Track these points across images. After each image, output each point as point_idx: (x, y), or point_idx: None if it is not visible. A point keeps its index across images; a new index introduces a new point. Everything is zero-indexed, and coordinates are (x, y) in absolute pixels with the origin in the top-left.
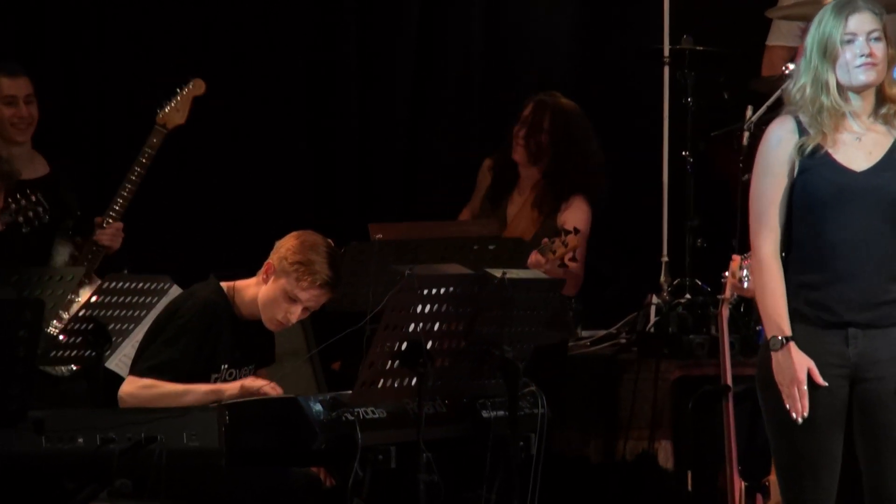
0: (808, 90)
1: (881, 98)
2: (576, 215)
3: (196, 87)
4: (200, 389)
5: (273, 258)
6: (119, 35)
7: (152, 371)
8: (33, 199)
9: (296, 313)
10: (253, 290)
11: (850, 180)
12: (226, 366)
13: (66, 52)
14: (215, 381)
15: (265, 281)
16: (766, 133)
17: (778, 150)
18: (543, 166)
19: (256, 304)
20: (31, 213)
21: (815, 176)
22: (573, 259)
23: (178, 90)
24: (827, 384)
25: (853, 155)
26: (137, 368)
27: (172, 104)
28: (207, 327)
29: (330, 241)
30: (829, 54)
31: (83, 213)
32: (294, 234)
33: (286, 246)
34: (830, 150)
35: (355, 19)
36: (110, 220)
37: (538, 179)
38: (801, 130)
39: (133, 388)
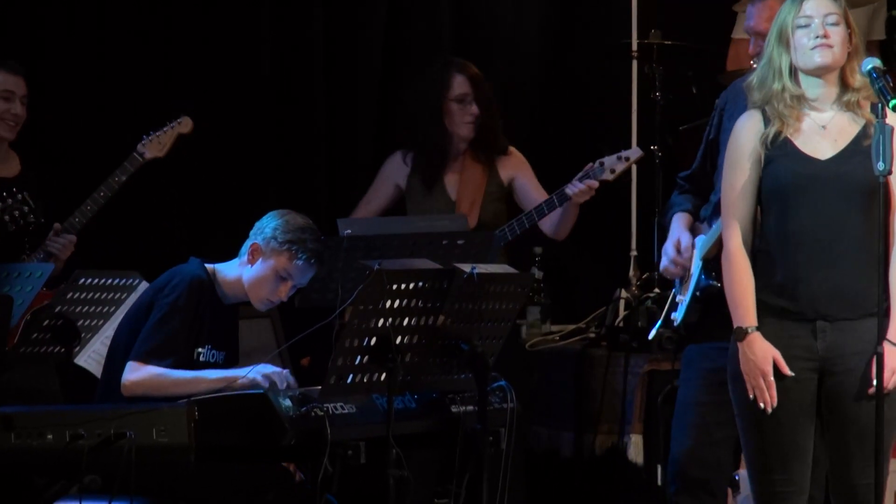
0: (765, 77)
1: (844, 86)
2: (520, 162)
3: (183, 125)
4: (211, 377)
5: (258, 239)
6: (86, 28)
7: (152, 355)
8: (20, 197)
9: (285, 291)
10: (236, 271)
11: (813, 169)
12: (209, 346)
13: (33, 49)
14: (198, 356)
15: (251, 262)
16: (734, 126)
17: (745, 142)
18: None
19: (239, 286)
20: (16, 213)
21: (778, 166)
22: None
23: (166, 125)
24: (793, 374)
25: (817, 144)
26: (136, 353)
27: (156, 137)
28: (196, 303)
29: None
30: (783, 38)
31: (46, 221)
32: (275, 213)
33: (271, 226)
34: (793, 139)
35: (322, 14)
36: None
37: (465, 147)
38: (768, 123)
39: (139, 376)
